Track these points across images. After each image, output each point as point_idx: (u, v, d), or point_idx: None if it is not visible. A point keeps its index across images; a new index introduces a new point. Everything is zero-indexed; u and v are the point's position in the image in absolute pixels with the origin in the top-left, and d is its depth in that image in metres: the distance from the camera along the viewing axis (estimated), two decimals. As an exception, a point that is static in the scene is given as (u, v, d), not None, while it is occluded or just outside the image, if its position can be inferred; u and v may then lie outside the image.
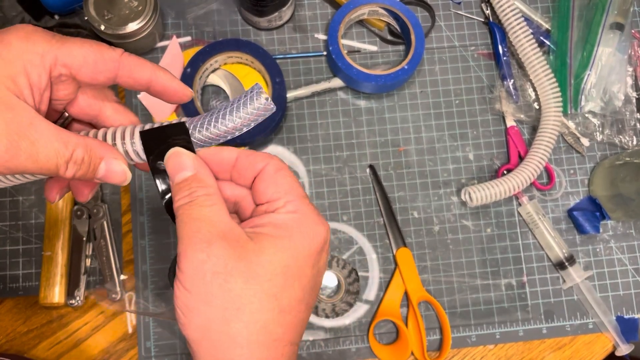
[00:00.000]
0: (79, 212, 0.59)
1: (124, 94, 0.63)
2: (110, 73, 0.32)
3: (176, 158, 0.32)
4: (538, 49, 0.61)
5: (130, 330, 0.59)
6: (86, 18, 0.57)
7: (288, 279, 0.29)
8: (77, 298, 0.58)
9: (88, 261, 0.59)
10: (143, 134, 0.32)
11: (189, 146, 0.32)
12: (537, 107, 0.63)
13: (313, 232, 0.30)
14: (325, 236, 0.31)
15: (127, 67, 0.32)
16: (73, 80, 0.32)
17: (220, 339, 0.28)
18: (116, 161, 0.32)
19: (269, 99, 0.31)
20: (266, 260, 0.29)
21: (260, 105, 0.31)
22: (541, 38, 0.64)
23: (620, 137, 0.63)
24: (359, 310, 0.60)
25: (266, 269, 0.29)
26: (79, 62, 0.31)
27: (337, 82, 0.63)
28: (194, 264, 0.28)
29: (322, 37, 0.65)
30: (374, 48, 0.65)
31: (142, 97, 0.61)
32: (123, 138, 0.33)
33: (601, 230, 0.62)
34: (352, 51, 0.65)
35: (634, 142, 0.63)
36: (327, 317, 0.59)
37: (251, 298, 0.28)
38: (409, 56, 0.61)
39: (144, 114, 0.62)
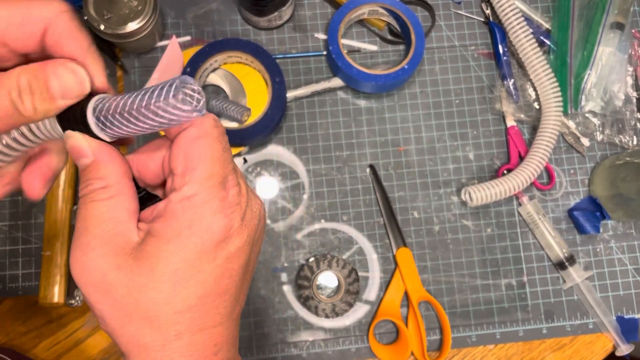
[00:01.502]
0: (78, 212, 0.59)
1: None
2: (35, 37, 0.27)
3: (72, 143, 0.28)
4: (538, 48, 0.61)
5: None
6: (86, 18, 0.57)
7: (178, 283, 0.26)
8: (77, 298, 0.57)
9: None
10: (60, 115, 0.28)
11: (100, 127, 0.27)
12: (538, 106, 0.63)
13: (206, 227, 0.26)
14: (226, 225, 0.27)
15: (56, 34, 0.27)
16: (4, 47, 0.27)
17: (127, 344, 0.27)
18: (63, 68, 0.26)
19: (197, 100, 0.25)
20: (148, 267, 0.26)
21: (177, 106, 0.25)
22: (541, 38, 0.64)
23: (621, 136, 0.63)
24: (359, 310, 0.60)
25: (149, 276, 0.26)
26: (3, 26, 0.26)
27: (337, 82, 0.63)
28: (75, 272, 0.27)
29: (322, 36, 0.65)
30: (374, 48, 0.65)
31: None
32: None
33: (601, 230, 0.62)
34: (352, 51, 0.65)
35: (634, 142, 0.63)
36: (327, 317, 0.59)
37: (139, 306, 0.26)
38: (409, 56, 0.61)
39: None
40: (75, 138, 0.28)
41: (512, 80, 0.63)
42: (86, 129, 0.27)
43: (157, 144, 0.30)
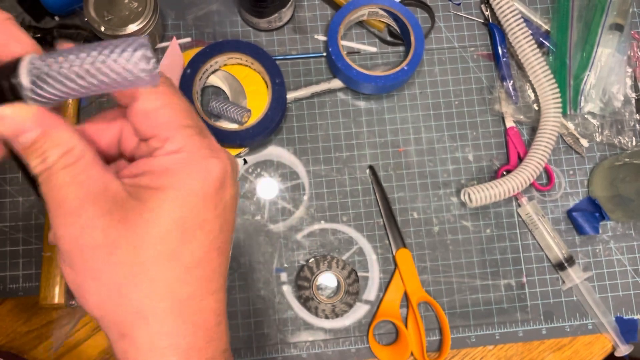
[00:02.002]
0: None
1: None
2: None
3: (9, 118, 0.24)
4: (537, 50, 0.61)
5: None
6: (86, 19, 0.57)
7: (186, 233, 0.25)
8: (77, 299, 0.58)
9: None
10: None
11: (37, 92, 0.23)
12: (537, 108, 0.63)
13: (204, 171, 0.25)
14: (222, 169, 0.26)
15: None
16: None
17: (123, 315, 0.25)
18: None
19: (152, 61, 0.23)
20: (152, 218, 0.24)
21: (136, 64, 0.22)
22: (540, 39, 0.65)
23: (620, 137, 0.63)
24: (359, 310, 0.60)
25: (156, 228, 0.24)
26: None
27: (336, 83, 0.63)
28: (67, 240, 0.24)
29: (321, 38, 0.65)
30: (373, 49, 0.65)
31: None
32: None
33: (600, 231, 0.62)
34: (352, 52, 0.65)
35: (633, 143, 0.63)
36: (326, 317, 0.59)
37: (147, 266, 0.24)
38: (409, 57, 0.61)
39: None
40: (14, 113, 0.24)
41: (512, 81, 0.63)
42: (15, 98, 0.24)
43: (112, 115, 0.28)
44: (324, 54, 0.65)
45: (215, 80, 0.62)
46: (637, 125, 0.64)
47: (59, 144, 0.25)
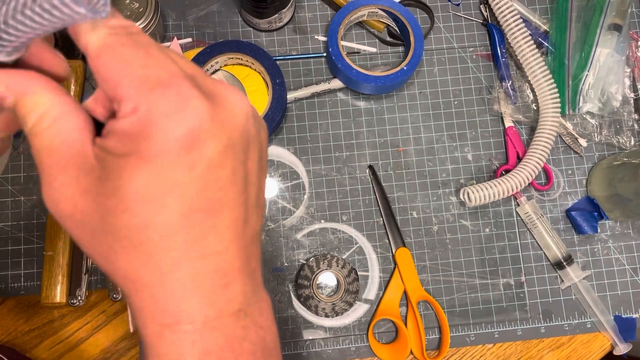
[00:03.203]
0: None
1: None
2: None
3: None
4: (536, 50, 0.62)
5: (131, 329, 0.59)
6: (88, 19, 0.57)
7: (152, 200, 0.22)
8: (79, 297, 0.58)
9: (89, 261, 0.59)
10: None
11: None
12: (535, 107, 0.64)
13: (163, 130, 0.22)
14: (190, 128, 0.22)
15: None
16: None
17: (117, 280, 0.24)
18: None
19: None
20: (113, 187, 0.23)
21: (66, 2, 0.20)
22: (539, 39, 0.65)
23: (618, 137, 0.64)
24: (359, 309, 0.60)
25: (117, 197, 0.22)
26: None
27: (336, 83, 0.63)
28: (50, 209, 0.24)
29: (322, 38, 0.66)
30: (373, 49, 0.66)
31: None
32: None
33: (599, 230, 0.62)
34: (352, 52, 0.65)
35: (632, 143, 0.64)
36: (326, 316, 0.59)
37: (119, 236, 0.23)
38: (408, 57, 0.61)
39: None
40: None
41: (510, 81, 0.64)
42: None
43: None
44: (324, 54, 0.65)
45: (215, 80, 0.63)
46: (636, 125, 0.64)
47: (33, 108, 0.24)
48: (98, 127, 0.25)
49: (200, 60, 0.60)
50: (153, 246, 0.23)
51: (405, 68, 0.61)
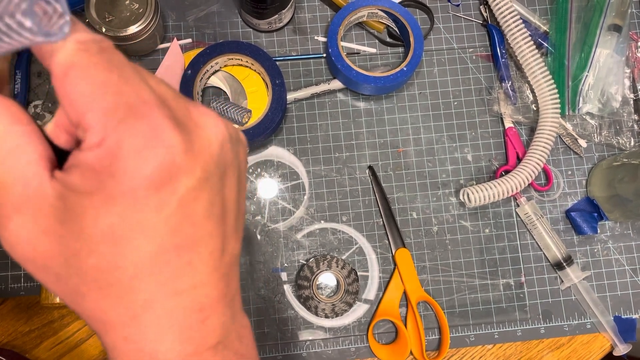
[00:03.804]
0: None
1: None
2: None
3: None
4: (536, 50, 0.62)
5: None
6: (87, 20, 0.57)
7: (118, 241, 0.21)
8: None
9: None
10: None
11: None
12: (535, 108, 0.64)
13: (131, 170, 0.20)
14: (160, 164, 0.20)
15: None
16: None
17: (88, 320, 0.23)
18: None
19: (50, 14, 0.19)
20: (76, 228, 0.21)
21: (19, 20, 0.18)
22: (539, 40, 0.65)
23: (618, 138, 0.64)
24: (359, 310, 0.60)
25: (81, 239, 0.21)
26: None
27: (336, 84, 0.63)
28: (9, 252, 0.22)
29: (321, 39, 0.66)
30: (373, 50, 0.66)
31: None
32: None
33: (599, 230, 0.62)
34: (352, 53, 0.65)
35: (632, 144, 0.64)
36: (326, 317, 0.59)
37: (84, 278, 0.21)
38: (408, 58, 0.61)
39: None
40: None
41: (510, 82, 0.64)
42: None
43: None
44: (324, 55, 0.65)
45: (215, 81, 0.63)
46: (635, 126, 0.64)
47: None
48: (58, 154, 0.23)
49: (200, 61, 0.60)
50: (122, 288, 0.21)
51: (405, 69, 0.61)
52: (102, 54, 0.21)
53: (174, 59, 0.62)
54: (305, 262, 0.60)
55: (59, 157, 0.22)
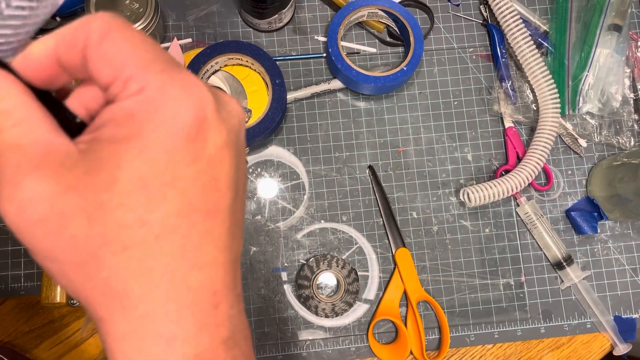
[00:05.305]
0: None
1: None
2: None
3: None
4: (536, 50, 0.62)
5: None
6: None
7: (152, 195, 0.20)
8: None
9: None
10: None
11: None
12: (535, 108, 0.64)
13: (171, 114, 0.20)
14: (196, 112, 0.21)
15: None
16: None
17: (95, 296, 0.21)
18: None
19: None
20: (108, 178, 0.20)
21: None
22: (539, 40, 0.65)
23: (618, 138, 0.64)
24: (359, 309, 0.60)
25: (112, 190, 0.20)
26: None
27: (336, 84, 0.63)
28: (10, 215, 0.20)
29: (321, 39, 0.66)
30: (373, 50, 0.66)
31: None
32: None
33: (599, 230, 0.62)
34: (352, 53, 0.65)
35: (632, 143, 0.64)
36: (326, 316, 0.59)
37: (107, 237, 0.20)
38: (408, 58, 0.61)
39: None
40: None
41: (510, 81, 0.64)
42: None
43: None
44: (324, 55, 0.65)
45: (216, 80, 0.63)
46: (635, 126, 0.64)
47: None
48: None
49: (200, 60, 0.60)
50: (146, 249, 0.20)
51: (405, 68, 0.61)
52: (129, 23, 0.22)
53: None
54: (305, 262, 0.60)
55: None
